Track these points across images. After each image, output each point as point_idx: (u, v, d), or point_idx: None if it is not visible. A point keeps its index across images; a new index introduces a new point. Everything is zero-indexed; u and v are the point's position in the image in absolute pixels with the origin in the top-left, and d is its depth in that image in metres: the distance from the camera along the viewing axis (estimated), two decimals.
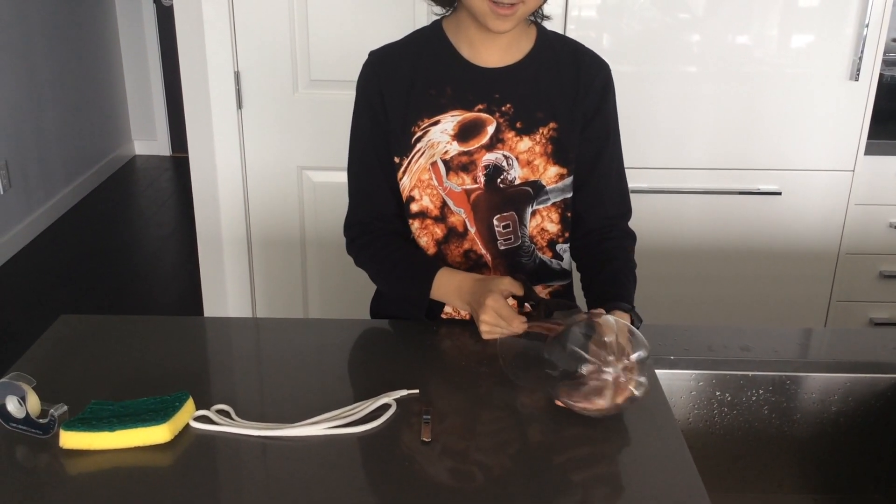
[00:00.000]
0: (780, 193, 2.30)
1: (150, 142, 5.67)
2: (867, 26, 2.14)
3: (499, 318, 1.19)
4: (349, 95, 1.38)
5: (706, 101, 2.24)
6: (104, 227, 4.44)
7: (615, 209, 1.39)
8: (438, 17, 1.34)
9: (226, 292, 2.43)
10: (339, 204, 2.51)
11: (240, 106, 2.24)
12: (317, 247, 2.38)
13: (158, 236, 4.30)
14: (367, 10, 2.15)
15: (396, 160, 1.32)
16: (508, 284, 1.21)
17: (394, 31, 1.45)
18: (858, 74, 2.18)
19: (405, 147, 1.31)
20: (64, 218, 4.45)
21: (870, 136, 2.27)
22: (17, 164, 4.00)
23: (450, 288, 1.29)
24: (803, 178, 2.30)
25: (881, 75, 2.24)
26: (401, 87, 1.30)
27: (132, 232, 4.43)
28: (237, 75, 2.21)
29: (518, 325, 1.18)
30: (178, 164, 5.43)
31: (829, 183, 2.31)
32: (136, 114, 5.59)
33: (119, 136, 5.43)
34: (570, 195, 1.35)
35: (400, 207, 1.37)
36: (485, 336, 1.23)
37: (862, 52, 2.16)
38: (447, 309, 1.39)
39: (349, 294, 2.36)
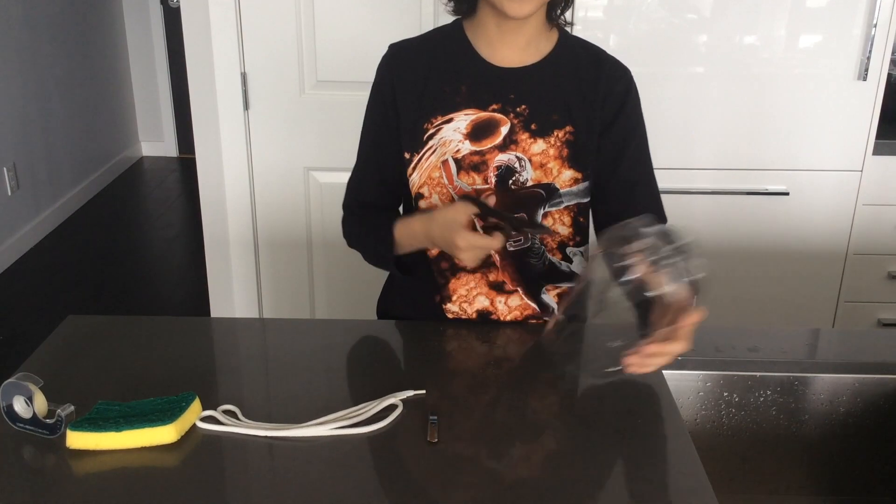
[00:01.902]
0: (787, 194, 2.30)
1: (157, 143, 5.69)
2: (875, 26, 2.13)
3: (476, 248, 1.18)
4: (356, 96, 1.38)
5: (714, 102, 2.23)
6: (112, 227, 4.45)
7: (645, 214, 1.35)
8: (457, 18, 1.32)
9: (232, 293, 2.43)
10: None
11: (246, 107, 2.24)
12: (323, 247, 2.38)
13: (165, 237, 4.31)
14: (374, 12, 2.15)
15: (407, 156, 1.31)
16: (463, 212, 1.18)
17: (400, 32, 1.45)
18: (866, 74, 2.17)
19: (417, 143, 1.30)
20: (71, 219, 4.47)
21: (878, 136, 2.26)
22: (25, 165, 4.01)
23: (413, 236, 1.29)
24: (811, 178, 2.29)
25: (889, 75, 2.23)
26: (414, 82, 1.29)
27: (139, 233, 4.44)
28: (244, 76, 2.21)
29: (497, 243, 1.18)
30: (186, 165, 5.44)
31: (837, 183, 2.30)
32: (144, 115, 5.60)
33: (126, 137, 5.44)
34: (585, 200, 1.33)
35: (387, 202, 1.39)
36: (470, 264, 1.23)
37: (870, 52, 2.15)
38: (453, 308, 1.39)
39: (355, 294, 2.36)
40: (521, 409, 1.11)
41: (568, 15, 1.31)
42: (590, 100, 1.28)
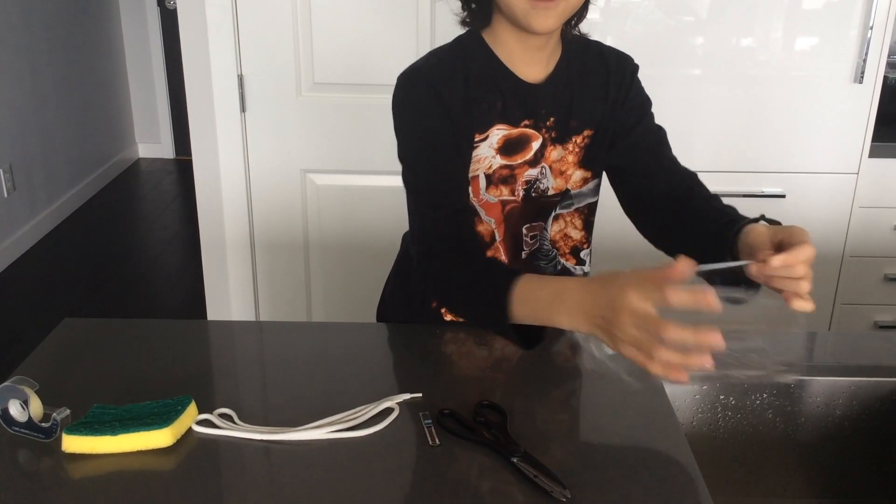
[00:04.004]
0: (784, 196, 2.30)
1: (153, 145, 5.68)
2: (871, 29, 2.13)
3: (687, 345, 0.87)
4: (353, 98, 1.38)
5: (710, 104, 2.24)
6: (108, 230, 4.45)
7: (680, 174, 1.34)
8: (471, 29, 1.26)
9: (229, 296, 2.43)
10: (343, 207, 2.51)
11: (243, 109, 2.24)
12: (320, 250, 2.38)
13: (162, 239, 4.30)
14: (371, 14, 2.15)
15: None
16: (657, 281, 0.88)
17: (397, 35, 1.44)
18: (863, 77, 2.18)
19: None
20: (68, 221, 4.46)
21: (874, 139, 2.26)
22: (22, 166, 4.01)
23: (546, 309, 1.02)
24: (807, 180, 2.30)
25: (885, 78, 2.24)
26: (458, 98, 1.20)
27: (136, 235, 4.44)
28: (241, 78, 2.21)
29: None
30: (182, 167, 5.44)
31: (833, 186, 2.30)
32: (140, 117, 5.60)
33: (123, 139, 5.44)
34: (594, 199, 1.32)
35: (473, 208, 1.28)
36: (675, 377, 0.89)
37: (866, 54, 2.16)
38: None
39: (352, 297, 2.37)
40: (518, 413, 1.11)
41: (582, 26, 1.27)
42: (601, 98, 1.28)
